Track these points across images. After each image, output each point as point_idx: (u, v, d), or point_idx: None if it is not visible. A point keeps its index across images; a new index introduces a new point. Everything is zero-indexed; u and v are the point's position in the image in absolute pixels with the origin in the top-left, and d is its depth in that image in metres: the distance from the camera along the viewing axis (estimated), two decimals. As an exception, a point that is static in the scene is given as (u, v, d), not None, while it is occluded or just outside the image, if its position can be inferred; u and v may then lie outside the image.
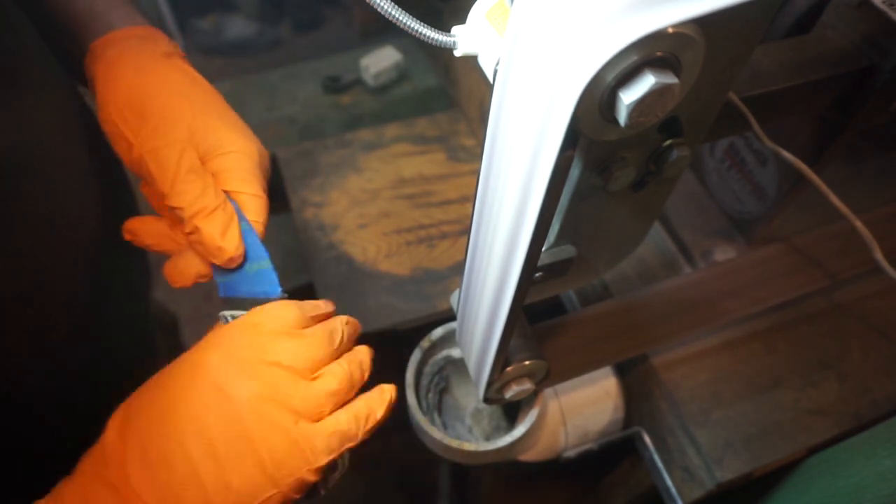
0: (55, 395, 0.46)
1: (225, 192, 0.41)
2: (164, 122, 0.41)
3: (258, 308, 0.38)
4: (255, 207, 0.42)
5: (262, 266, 0.41)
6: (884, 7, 0.45)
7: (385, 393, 0.39)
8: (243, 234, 0.41)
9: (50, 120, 0.44)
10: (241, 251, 0.40)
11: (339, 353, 0.39)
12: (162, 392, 0.35)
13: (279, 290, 0.41)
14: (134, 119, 0.41)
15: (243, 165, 0.42)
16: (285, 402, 0.35)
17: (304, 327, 0.38)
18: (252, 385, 0.35)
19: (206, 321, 0.40)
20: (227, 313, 0.40)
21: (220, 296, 0.42)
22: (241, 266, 0.41)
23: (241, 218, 0.41)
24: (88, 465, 0.34)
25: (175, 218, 0.42)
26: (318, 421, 0.36)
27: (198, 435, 0.34)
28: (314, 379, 0.37)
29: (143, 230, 0.44)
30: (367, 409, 0.38)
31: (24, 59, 0.42)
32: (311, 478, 0.35)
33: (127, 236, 0.44)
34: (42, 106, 0.43)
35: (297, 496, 0.36)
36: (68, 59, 0.48)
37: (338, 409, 0.37)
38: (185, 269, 0.43)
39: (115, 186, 0.52)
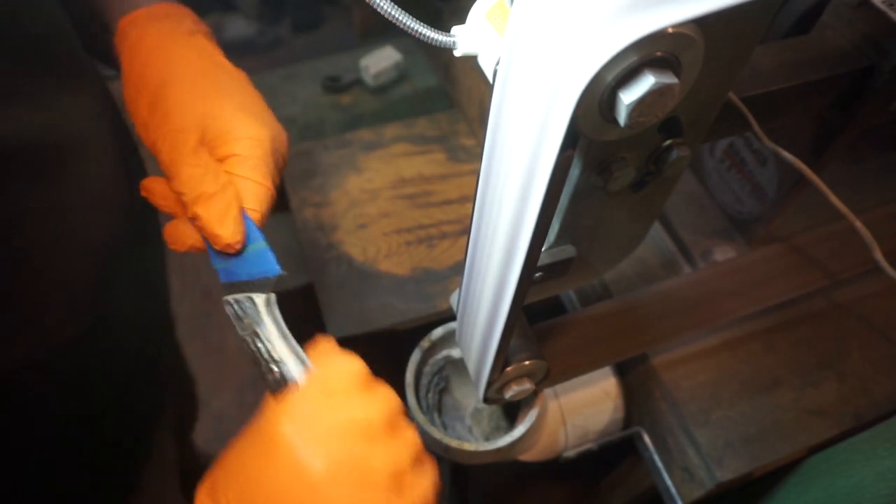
0: (65, 393, 0.46)
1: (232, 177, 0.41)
2: (175, 108, 0.41)
3: (324, 361, 0.36)
4: (256, 195, 0.42)
5: (258, 247, 0.41)
6: (884, 7, 0.45)
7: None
8: None
9: (85, 109, 0.44)
10: (238, 238, 0.40)
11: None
12: (243, 469, 0.34)
13: (277, 269, 0.40)
14: (148, 103, 0.41)
15: (253, 153, 0.42)
16: (363, 465, 0.33)
17: (370, 380, 0.36)
18: (327, 451, 0.33)
19: (205, 320, 0.40)
20: (231, 297, 0.40)
21: (221, 282, 0.42)
22: (238, 251, 0.41)
23: None
24: None
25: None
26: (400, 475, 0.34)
27: None
28: (392, 435, 0.35)
29: (157, 190, 0.44)
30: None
31: (63, 47, 0.42)
32: None
33: (143, 193, 0.44)
34: (79, 95, 0.44)
35: None
36: (89, 39, 0.48)
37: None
38: (182, 237, 0.43)
39: (136, 175, 0.52)
